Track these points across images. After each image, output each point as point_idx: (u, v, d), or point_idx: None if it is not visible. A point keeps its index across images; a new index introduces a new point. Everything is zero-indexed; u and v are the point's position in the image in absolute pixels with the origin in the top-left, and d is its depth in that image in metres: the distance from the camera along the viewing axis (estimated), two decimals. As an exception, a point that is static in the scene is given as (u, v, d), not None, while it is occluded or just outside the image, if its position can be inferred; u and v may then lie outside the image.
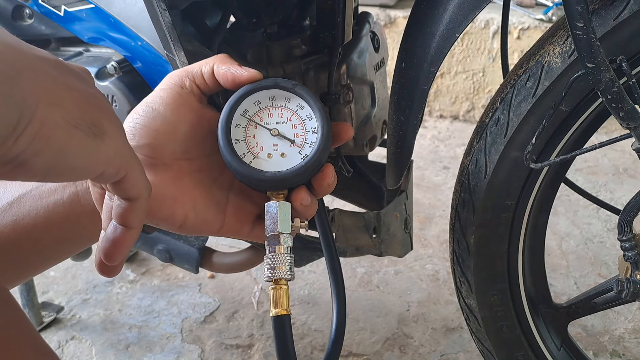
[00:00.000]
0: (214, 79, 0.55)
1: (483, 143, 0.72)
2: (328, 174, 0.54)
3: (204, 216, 0.55)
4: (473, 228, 0.75)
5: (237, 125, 0.54)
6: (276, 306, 0.52)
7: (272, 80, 0.55)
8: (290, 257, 0.53)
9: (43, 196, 0.53)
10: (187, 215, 0.54)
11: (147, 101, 0.54)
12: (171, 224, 0.54)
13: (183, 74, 0.55)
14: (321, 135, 0.53)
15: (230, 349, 1.21)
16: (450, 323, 1.26)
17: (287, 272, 0.52)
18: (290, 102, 0.55)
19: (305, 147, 0.53)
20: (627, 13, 0.60)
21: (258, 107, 0.55)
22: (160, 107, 0.53)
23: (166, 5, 0.66)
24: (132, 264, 1.48)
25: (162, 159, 0.53)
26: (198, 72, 0.55)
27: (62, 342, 1.24)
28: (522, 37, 2.13)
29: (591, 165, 1.92)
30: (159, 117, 0.53)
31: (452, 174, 1.89)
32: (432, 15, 0.65)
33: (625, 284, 0.68)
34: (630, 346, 1.19)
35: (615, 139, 0.62)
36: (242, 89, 0.55)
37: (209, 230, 0.56)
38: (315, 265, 1.42)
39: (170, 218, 0.53)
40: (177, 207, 0.53)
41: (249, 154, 0.53)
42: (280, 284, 0.52)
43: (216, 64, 0.55)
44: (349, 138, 0.58)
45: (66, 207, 0.53)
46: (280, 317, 0.52)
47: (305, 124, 0.54)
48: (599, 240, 1.53)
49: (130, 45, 0.77)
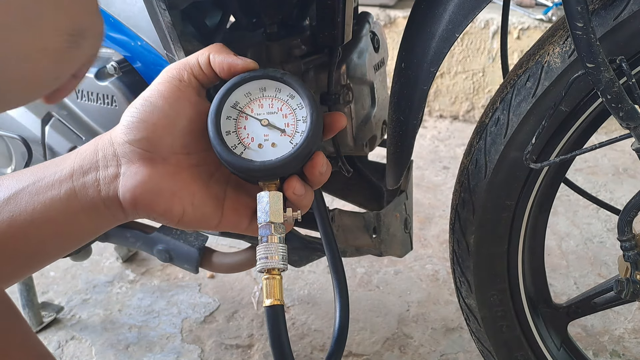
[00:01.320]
0: (210, 68, 0.55)
1: (483, 143, 0.72)
2: (319, 162, 0.54)
3: (202, 210, 0.55)
4: (473, 228, 0.75)
5: (228, 117, 0.54)
6: (269, 296, 0.52)
7: (261, 71, 0.55)
8: (283, 247, 0.53)
9: (40, 192, 0.52)
10: (185, 210, 0.54)
11: (144, 95, 0.54)
12: (169, 219, 0.54)
13: (181, 67, 0.55)
14: (310, 122, 0.53)
15: (230, 349, 1.21)
16: (450, 323, 1.26)
17: (279, 261, 0.52)
18: (281, 92, 0.55)
19: (296, 136, 0.53)
20: (627, 13, 0.60)
21: (249, 98, 0.55)
22: (158, 100, 0.53)
23: (166, 5, 0.66)
24: (131, 264, 1.48)
25: (160, 153, 0.53)
26: (195, 63, 0.55)
27: (62, 342, 1.24)
28: (522, 37, 2.13)
29: (591, 165, 1.92)
30: (157, 110, 0.53)
31: (452, 174, 1.89)
32: (432, 15, 0.65)
33: (625, 284, 0.68)
34: (630, 346, 1.19)
35: (615, 139, 0.62)
36: (230, 80, 0.55)
37: (207, 225, 0.56)
38: (315, 265, 1.42)
39: (168, 212, 0.54)
40: (175, 201, 0.53)
41: (240, 145, 0.53)
42: (273, 274, 0.52)
43: (212, 54, 0.55)
44: (342, 127, 0.57)
45: (63, 203, 0.53)
46: (273, 307, 0.52)
47: (296, 113, 0.54)
48: (598, 240, 1.53)
49: (130, 45, 0.77)
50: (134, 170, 0.53)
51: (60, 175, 0.53)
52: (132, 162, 0.53)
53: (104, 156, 0.53)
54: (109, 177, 0.53)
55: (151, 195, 0.53)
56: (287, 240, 0.55)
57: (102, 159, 0.53)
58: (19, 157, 0.95)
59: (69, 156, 0.55)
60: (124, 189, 0.53)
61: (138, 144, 0.53)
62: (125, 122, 0.53)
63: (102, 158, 0.53)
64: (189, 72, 0.55)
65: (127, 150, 0.53)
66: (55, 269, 1.46)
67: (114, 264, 1.48)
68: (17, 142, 0.91)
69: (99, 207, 0.53)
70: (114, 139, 0.54)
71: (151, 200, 0.53)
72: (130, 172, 0.53)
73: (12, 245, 0.52)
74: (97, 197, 0.53)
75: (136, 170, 0.53)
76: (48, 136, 0.89)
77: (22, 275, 0.58)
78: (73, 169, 0.53)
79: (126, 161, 0.53)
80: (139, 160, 0.53)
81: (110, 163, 0.53)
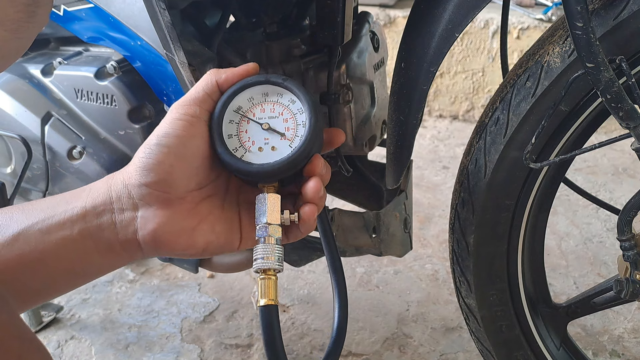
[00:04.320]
0: (218, 94, 0.56)
1: (482, 143, 0.72)
2: (318, 165, 0.55)
3: (225, 237, 0.56)
4: (472, 228, 0.75)
5: (230, 121, 0.55)
6: (264, 296, 0.53)
7: (264, 76, 0.56)
8: (279, 249, 0.54)
9: (51, 231, 0.52)
10: (209, 241, 0.55)
11: (158, 134, 0.53)
12: (193, 253, 0.55)
13: (191, 102, 0.55)
14: (308, 126, 0.54)
15: (230, 348, 1.21)
16: (450, 323, 1.26)
17: (275, 262, 0.53)
18: (283, 97, 0.56)
19: (295, 140, 0.54)
20: (627, 13, 0.60)
21: (251, 103, 0.56)
22: (173, 141, 0.53)
23: (166, 5, 0.66)
24: (131, 263, 1.48)
25: (176, 194, 0.53)
26: (205, 97, 0.55)
27: (62, 342, 1.24)
28: (521, 37, 2.13)
29: (591, 165, 1.92)
30: (173, 152, 0.52)
31: (451, 174, 1.89)
32: (432, 15, 0.65)
33: (624, 283, 0.68)
34: (629, 346, 1.19)
35: (614, 139, 0.62)
36: (233, 86, 0.56)
37: (231, 248, 0.57)
38: (314, 265, 1.42)
39: (191, 247, 0.54)
40: (196, 236, 0.54)
41: (241, 148, 0.54)
42: (268, 274, 0.53)
43: (216, 79, 0.56)
44: (340, 143, 0.59)
45: (77, 243, 0.52)
46: (267, 307, 0.53)
47: (297, 117, 0.55)
48: (598, 240, 1.53)
49: (130, 44, 0.77)
50: (152, 213, 0.53)
51: (72, 215, 0.52)
52: (150, 204, 0.53)
53: (119, 198, 0.53)
54: (126, 220, 0.53)
55: (172, 236, 0.53)
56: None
57: (117, 201, 0.53)
58: (18, 156, 0.95)
59: (79, 194, 0.54)
60: (144, 232, 0.53)
61: (155, 186, 0.52)
62: (140, 163, 0.53)
63: (117, 200, 0.53)
64: (200, 107, 0.55)
65: (144, 193, 0.52)
66: (54, 269, 1.46)
67: (113, 263, 1.48)
68: (16, 142, 0.91)
69: (115, 249, 0.53)
70: (127, 180, 0.53)
71: (173, 241, 0.53)
72: (148, 215, 0.53)
73: (22, 281, 0.51)
74: (113, 239, 0.53)
75: (155, 213, 0.53)
76: (48, 136, 0.89)
77: (30, 306, 0.57)
78: (85, 209, 0.53)
79: (143, 204, 0.53)
80: (156, 202, 0.53)
81: (125, 205, 0.53)
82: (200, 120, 0.54)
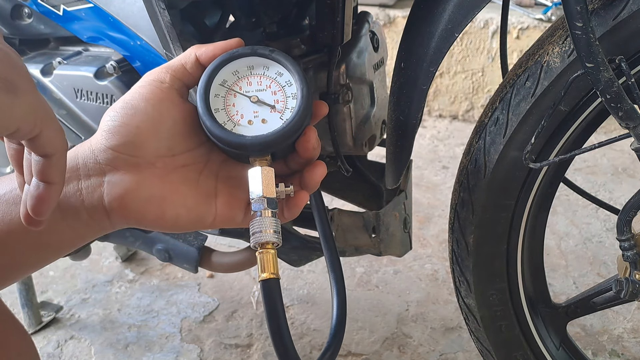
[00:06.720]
0: (197, 67, 0.54)
1: (482, 143, 0.72)
2: (311, 137, 0.54)
3: (197, 211, 0.53)
4: (472, 227, 0.75)
5: (216, 95, 0.54)
6: (264, 270, 0.51)
7: (249, 48, 0.55)
8: (276, 222, 0.52)
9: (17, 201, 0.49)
10: (178, 214, 0.52)
11: (125, 98, 0.52)
12: (162, 225, 0.53)
13: (162, 70, 0.54)
14: (301, 97, 0.53)
15: (230, 348, 1.21)
16: (449, 323, 1.26)
17: (272, 235, 0.51)
18: (269, 69, 0.55)
19: (286, 112, 0.53)
20: (626, 13, 0.60)
21: (236, 76, 0.55)
22: (139, 103, 0.51)
23: (165, 5, 0.66)
24: (131, 263, 1.48)
25: (145, 158, 0.51)
26: (179, 66, 0.54)
27: (61, 342, 1.24)
28: (521, 37, 2.13)
29: (590, 165, 1.92)
30: (139, 113, 0.51)
31: (451, 174, 1.89)
32: (432, 14, 0.65)
33: (624, 283, 0.68)
34: (629, 346, 1.19)
35: (614, 139, 0.62)
36: (218, 58, 0.54)
37: (203, 224, 0.55)
38: (314, 264, 1.42)
39: (160, 219, 0.52)
40: (166, 207, 0.52)
41: (230, 122, 0.53)
42: (267, 248, 0.51)
43: (196, 52, 0.54)
44: (324, 114, 0.57)
45: None
46: (268, 281, 0.51)
47: (285, 90, 0.54)
48: (598, 239, 1.53)
49: (130, 44, 0.77)
50: (119, 178, 0.50)
51: None
52: (117, 168, 0.51)
53: (85, 164, 0.51)
54: (92, 186, 0.51)
55: (141, 203, 0.51)
56: (287, 240, 0.54)
57: (83, 167, 0.51)
58: (18, 156, 0.95)
59: None
60: (110, 198, 0.50)
61: (121, 148, 0.50)
62: (106, 126, 0.51)
63: (83, 165, 0.51)
64: (171, 74, 0.54)
65: (110, 156, 0.51)
66: (54, 269, 1.46)
67: (113, 263, 1.48)
68: (16, 142, 0.91)
69: (82, 217, 0.51)
70: (94, 145, 0.51)
71: (141, 208, 0.51)
72: (115, 180, 0.50)
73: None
74: (80, 206, 0.51)
75: (122, 177, 0.50)
76: (47, 135, 0.89)
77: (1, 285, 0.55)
78: None
79: (110, 168, 0.51)
80: (124, 166, 0.51)
81: (92, 171, 0.51)
82: (171, 88, 0.53)
